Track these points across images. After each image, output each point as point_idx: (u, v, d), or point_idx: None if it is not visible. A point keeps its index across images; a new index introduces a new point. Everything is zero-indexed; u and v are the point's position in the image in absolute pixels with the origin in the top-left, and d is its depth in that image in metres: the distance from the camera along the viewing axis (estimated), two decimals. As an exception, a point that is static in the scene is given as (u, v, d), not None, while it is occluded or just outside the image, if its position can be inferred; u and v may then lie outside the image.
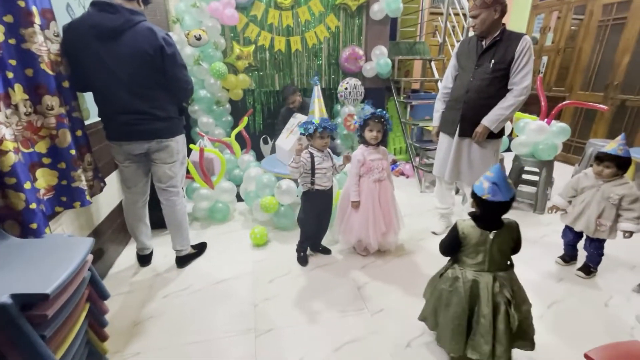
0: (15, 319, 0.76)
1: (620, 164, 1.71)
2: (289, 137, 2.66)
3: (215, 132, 3.29)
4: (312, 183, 1.93)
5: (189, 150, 2.71)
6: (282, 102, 3.66)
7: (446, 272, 1.36)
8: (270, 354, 1.44)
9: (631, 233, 1.71)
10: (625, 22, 3.45)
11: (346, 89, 3.46)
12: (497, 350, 1.21)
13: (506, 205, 1.20)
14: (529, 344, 1.29)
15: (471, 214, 1.29)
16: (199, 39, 2.84)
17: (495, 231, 1.23)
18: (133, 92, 1.60)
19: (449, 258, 1.39)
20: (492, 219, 1.25)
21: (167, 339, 1.53)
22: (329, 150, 2.00)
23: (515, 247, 1.30)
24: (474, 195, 1.24)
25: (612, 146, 1.72)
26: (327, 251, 2.19)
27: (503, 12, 1.89)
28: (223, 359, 1.43)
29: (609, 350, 1.07)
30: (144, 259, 2.07)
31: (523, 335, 1.27)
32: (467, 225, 1.27)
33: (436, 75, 3.92)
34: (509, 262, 1.31)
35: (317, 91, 2.14)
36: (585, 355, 1.06)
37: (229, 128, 3.46)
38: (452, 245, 1.31)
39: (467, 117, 2.05)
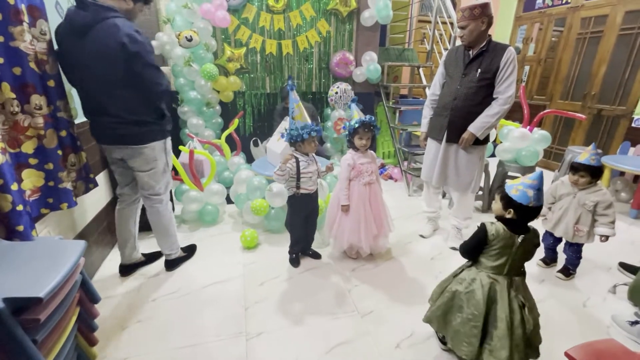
0: (7, 323, 0.75)
1: (593, 172, 1.81)
2: (280, 140, 2.67)
3: (205, 134, 3.26)
4: (298, 187, 1.95)
5: (179, 152, 2.69)
6: (274, 103, 3.68)
7: (461, 272, 1.35)
8: (261, 358, 1.44)
9: (607, 237, 1.80)
10: (602, 35, 3.63)
11: (336, 93, 3.51)
12: (514, 357, 1.19)
13: (540, 209, 1.22)
14: (534, 353, 1.29)
15: (499, 218, 1.28)
16: (190, 40, 2.83)
17: (523, 235, 1.24)
18: (105, 92, 1.55)
19: (447, 261, 1.42)
20: (523, 224, 1.25)
21: (156, 343, 1.51)
22: (314, 154, 2.00)
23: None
24: (511, 203, 1.22)
25: (585, 156, 1.81)
26: (317, 256, 2.21)
27: (489, 23, 1.96)
28: (214, 362, 1.42)
29: (588, 349, 1.13)
30: (125, 269, 1.97)
31: (531, 344, 1.27)
32: (497, 227, 1.25)
33: (424, 82, 4.01)
34: (522, 269, 1.31)
35: (294, 95, 2.03)
36: (566, 354, 1.11)
37: (219, 130, 3.44)
38: (478, 246, 1.29)
39: (454, 123, 2.11)
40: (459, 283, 1.33)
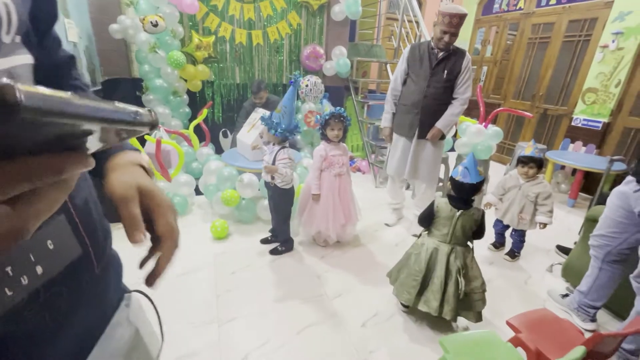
0: None
1: (540, 163, 2.04)
2: (250, 132, 2.68)
3: (172, 124, 3.17)
4: None
5: (144, 141, 2.61)
6: (244, 94, 3.64)
7: (417, 239, 1.63)
8: (234, 342, 1.49)
9: (545, 224, 2.03)
10: (549, 41, 3.98)
11: (307, 85, 3.55)
12: (444, 309, 1.47)
13: (473, 188, 1.44)
14: (473, 316, 1.53)
15: (448, 194, 1.55)
16: (155, 25, 2.72)
17: (462, 210, 1.48)
18: None
19: (419, 232, 1.67)
20: (461, 199, 1.50)
21: (127, 332, 1.50)
22: (282, 148, 1.99)
23: (478, 230, 1.52)
24: (451, 177, 1.50)
25: (529, 150, 2.03)
26: (274, 251, 2.17)
27: None
28: (187, 349, 1.45)
29: (524, 317, 1.31)
30: None
31: (469, 307, 1.52)
32: (441, 201, 1.55)
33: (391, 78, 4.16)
34: (469, 243, 1.56)
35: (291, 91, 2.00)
36: (507, 322, 1.28)
37: (186, 120, 3.36)
38: (428, 216, 1.58)
39: (425, 121, 2.25)
40: (413, 247, 1.62)
